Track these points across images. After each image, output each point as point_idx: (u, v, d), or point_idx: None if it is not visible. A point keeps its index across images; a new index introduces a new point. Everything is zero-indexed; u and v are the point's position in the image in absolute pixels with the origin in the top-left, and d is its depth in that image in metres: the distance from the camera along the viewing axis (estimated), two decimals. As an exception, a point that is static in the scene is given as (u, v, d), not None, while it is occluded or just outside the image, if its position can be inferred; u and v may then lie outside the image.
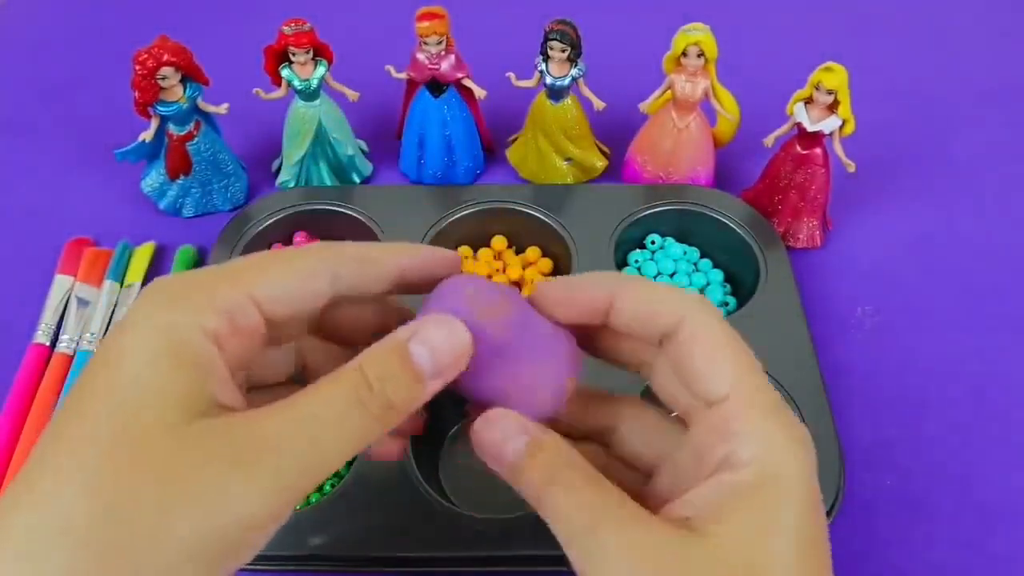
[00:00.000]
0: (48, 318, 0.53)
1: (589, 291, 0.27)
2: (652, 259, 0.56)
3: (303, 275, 0.25)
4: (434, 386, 0.25)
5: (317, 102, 0.58)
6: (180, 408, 0.22)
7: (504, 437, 0.26)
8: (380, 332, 0.26)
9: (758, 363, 0.26)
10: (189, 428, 0.22)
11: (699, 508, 0.24)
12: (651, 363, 0.28)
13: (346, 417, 0.23)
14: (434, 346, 0.25)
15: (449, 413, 0.50)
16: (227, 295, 0.24)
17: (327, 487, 0.47)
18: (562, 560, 0.41)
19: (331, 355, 0.30)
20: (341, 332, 0.29)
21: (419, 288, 0.28)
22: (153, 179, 0.59)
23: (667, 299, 0.27)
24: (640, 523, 0.24)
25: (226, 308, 0.24)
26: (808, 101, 0.53)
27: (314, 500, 0.46)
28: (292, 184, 0.60)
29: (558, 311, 0.28)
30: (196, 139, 0.57)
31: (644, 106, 0.59)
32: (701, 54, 0.54)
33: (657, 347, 0.27)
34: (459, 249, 0.57)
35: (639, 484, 0.28)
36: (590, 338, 0.29)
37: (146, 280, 0.56)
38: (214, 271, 0.25)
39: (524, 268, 0.56)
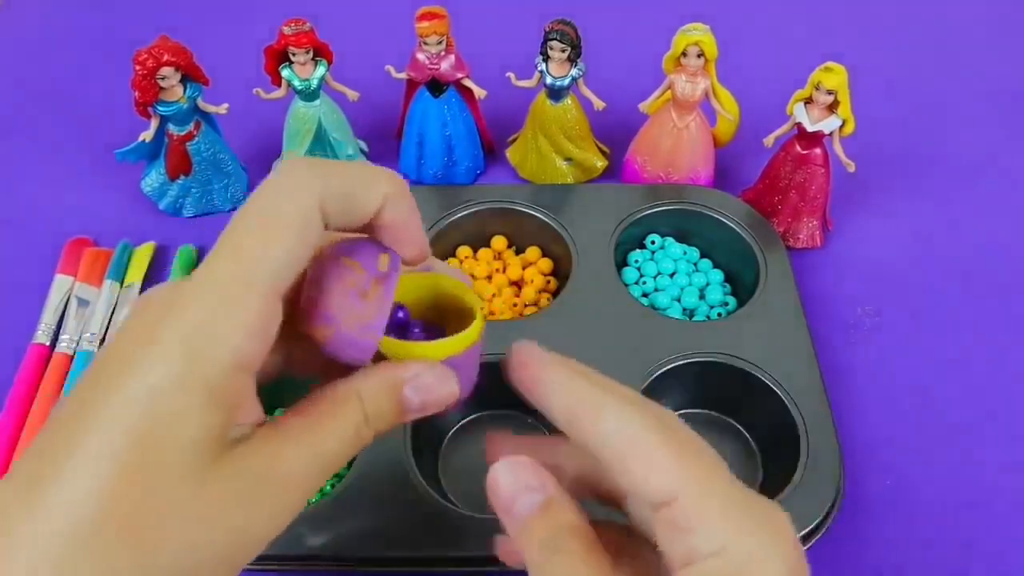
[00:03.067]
0: (48, 318, 0.53)
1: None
2: (652, 259, 0.56)
3: (304, 237, 0.24)
4: (411, 418, 0.27)
5: (317, 102, 0.58)
6: (200, 448, 0.22)
7: (519, 488, 0.26)
8: None
9: (710, 452, 0.25)
10: (211, 467, 0.22)
11: None
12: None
13: (349, 447, 0.25)
14: (426, 396, 0.26)
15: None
16: (251, 310, 0.23)
17: (327, 487, 0.47)
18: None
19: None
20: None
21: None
22: (153, 179, 0.59)
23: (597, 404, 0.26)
24: None
25: (253, 322, 0.23)
26: (808, 101, 0.53)
27: (314, 500, 0.46)
28: (292, 184, 0.60)
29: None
30: (196, 139, 0.57)
31: (644, 106, 0.59)
32: (701, 54, 0.54)
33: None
34: (459, 249, 0.57)
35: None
36: None
37: (146, 280, 0.56)
38: (226, 283, 0.23)
39: (524, 268, 0.56)
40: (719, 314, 0.53)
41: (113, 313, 0.54)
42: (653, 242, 0.57)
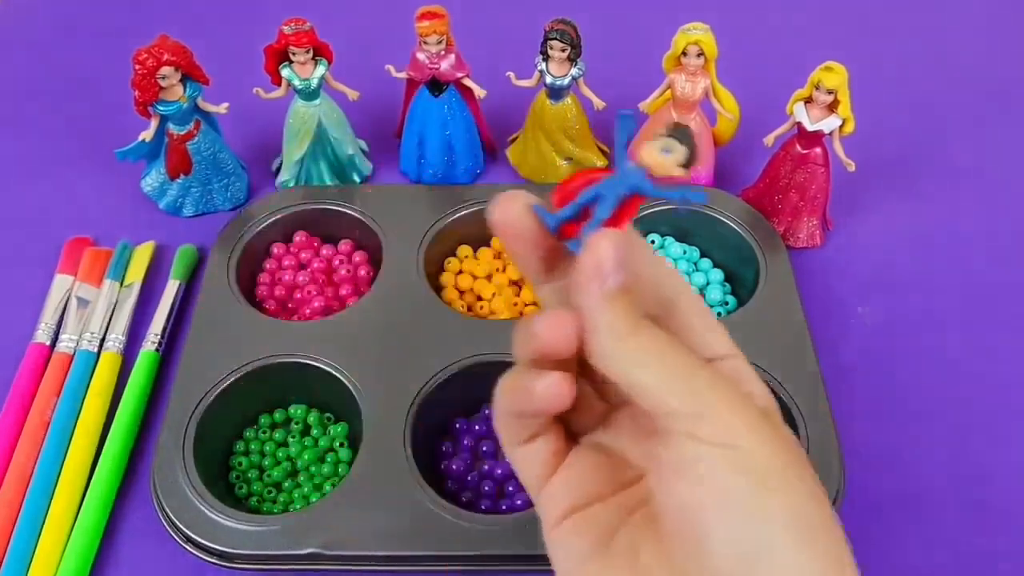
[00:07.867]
0: (48, 317, 0.53)
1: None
2: (652, 259, 0.56)
3: None
4: None
5: (317, 101, 0.58)
6: None
7: (612, 266, 0.25)
8: None
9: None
10: None
11: None
12: None
13: None
14: None
15: (448, 414, 0.50)
16: None
17: (327, 487, 0.47)
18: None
19: None
20: None
21: None
22: (153, 179, 0.59)
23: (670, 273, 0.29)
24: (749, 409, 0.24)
25: None
26: (808, 101, 0.53)
27: (314, 500, 0.46)
28: (292, 184, 0.60)
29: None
30: (196, 138, 0.57)
31: (644, 105, 0.59)
32: (701, 53, 0.54)
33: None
34: (459, 249, 0.57)
35: None
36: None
37: (146, 280, 0.56)
38: None
39: (524, 268, 0.56)
40: (719, 313, 0.53)
41: (113, 312, 0.54)
42: (653, 242, 0.57)
